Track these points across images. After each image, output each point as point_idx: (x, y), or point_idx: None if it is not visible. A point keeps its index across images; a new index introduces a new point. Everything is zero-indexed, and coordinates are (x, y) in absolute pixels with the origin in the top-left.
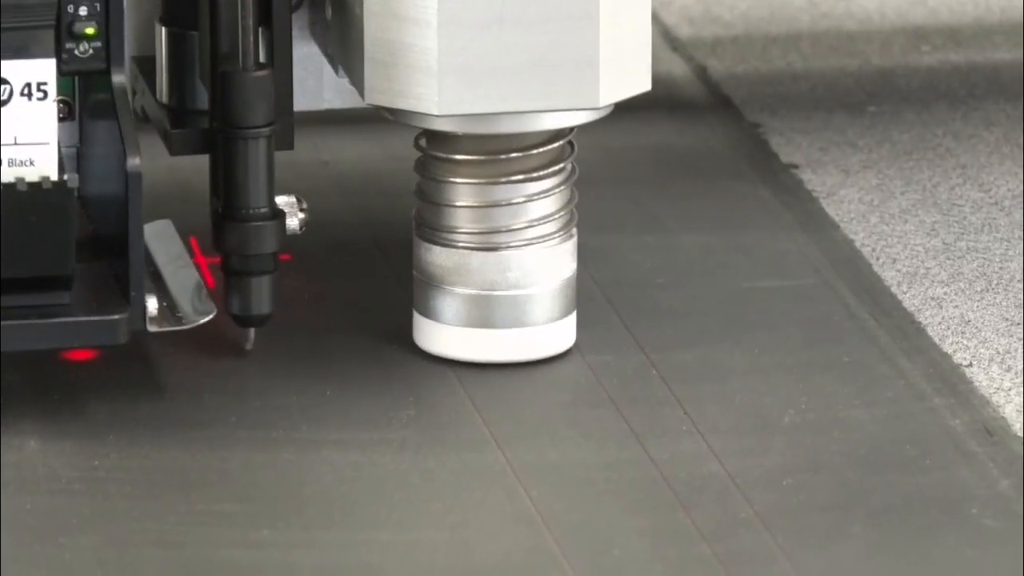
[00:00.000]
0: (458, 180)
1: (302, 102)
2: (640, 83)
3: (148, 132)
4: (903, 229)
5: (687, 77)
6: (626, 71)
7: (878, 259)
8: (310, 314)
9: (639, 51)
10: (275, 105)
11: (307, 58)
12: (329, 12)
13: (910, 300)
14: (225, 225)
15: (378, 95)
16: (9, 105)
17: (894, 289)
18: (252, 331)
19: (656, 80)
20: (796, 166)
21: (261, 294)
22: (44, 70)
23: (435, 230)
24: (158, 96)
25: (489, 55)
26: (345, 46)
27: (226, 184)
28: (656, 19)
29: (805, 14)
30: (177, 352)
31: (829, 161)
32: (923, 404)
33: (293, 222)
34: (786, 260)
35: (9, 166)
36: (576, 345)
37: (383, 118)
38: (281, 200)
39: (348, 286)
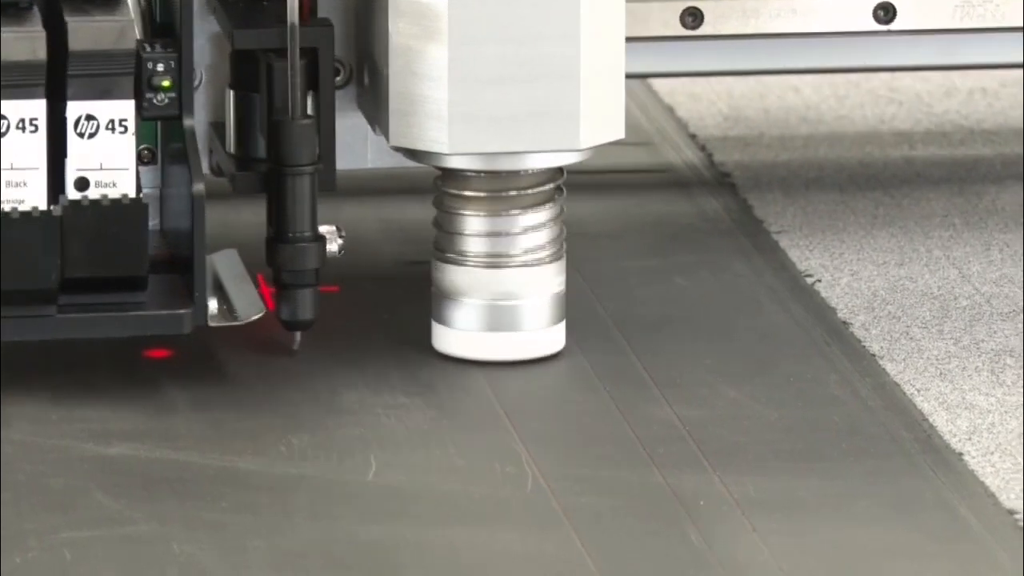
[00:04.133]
0: (467, 212)
1: (349, 161)
2: (615, 131)
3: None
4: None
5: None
6: (603, 121)
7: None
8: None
9: (614, 105)
10: (319, 151)
11: (354, 127)
12: (366, 78)
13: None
14: (276, 246)
15: (400, 139)
16: (96, 137)
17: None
18: (298, 334)
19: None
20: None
21: (305, 303)
22: (125, 109)
23: (449, 253)
24: (226, 148)
25: (491, 105)
26: (376, 102)
27: (278, 213)
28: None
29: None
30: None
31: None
32: None
33: (333, 246)
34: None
35: (96, 187)
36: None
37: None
38: (323, 228)
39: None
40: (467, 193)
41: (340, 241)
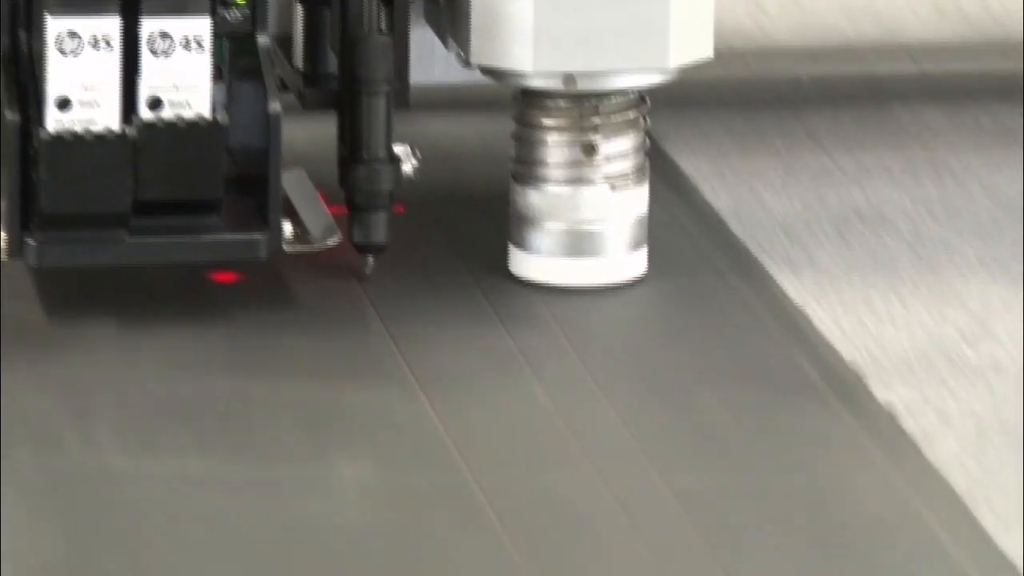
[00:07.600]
0: (549, 141)
1: (416, 75)
2: (703, 50)
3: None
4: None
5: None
6: (692, 39)
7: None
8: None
9: (704, 22)
10: (394, 68)
11: (422, 40)
12: None
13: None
14: (350, 167)
15: (483, 57)
16: (171, 56)
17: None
18: (371, 258)
19: None
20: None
21: (379, 226)
22: (200, 26)
23: (528, 175)
24: (294, 64)
25: (576, 23)
26: (455, 20)
27: (352, 132)
28: None
29: None
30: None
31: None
32: None
33: (407, 167)
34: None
35: (170, 106)
36: None
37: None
38: (397, 149)
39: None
40: (548, 122)
41: (414, 162)
